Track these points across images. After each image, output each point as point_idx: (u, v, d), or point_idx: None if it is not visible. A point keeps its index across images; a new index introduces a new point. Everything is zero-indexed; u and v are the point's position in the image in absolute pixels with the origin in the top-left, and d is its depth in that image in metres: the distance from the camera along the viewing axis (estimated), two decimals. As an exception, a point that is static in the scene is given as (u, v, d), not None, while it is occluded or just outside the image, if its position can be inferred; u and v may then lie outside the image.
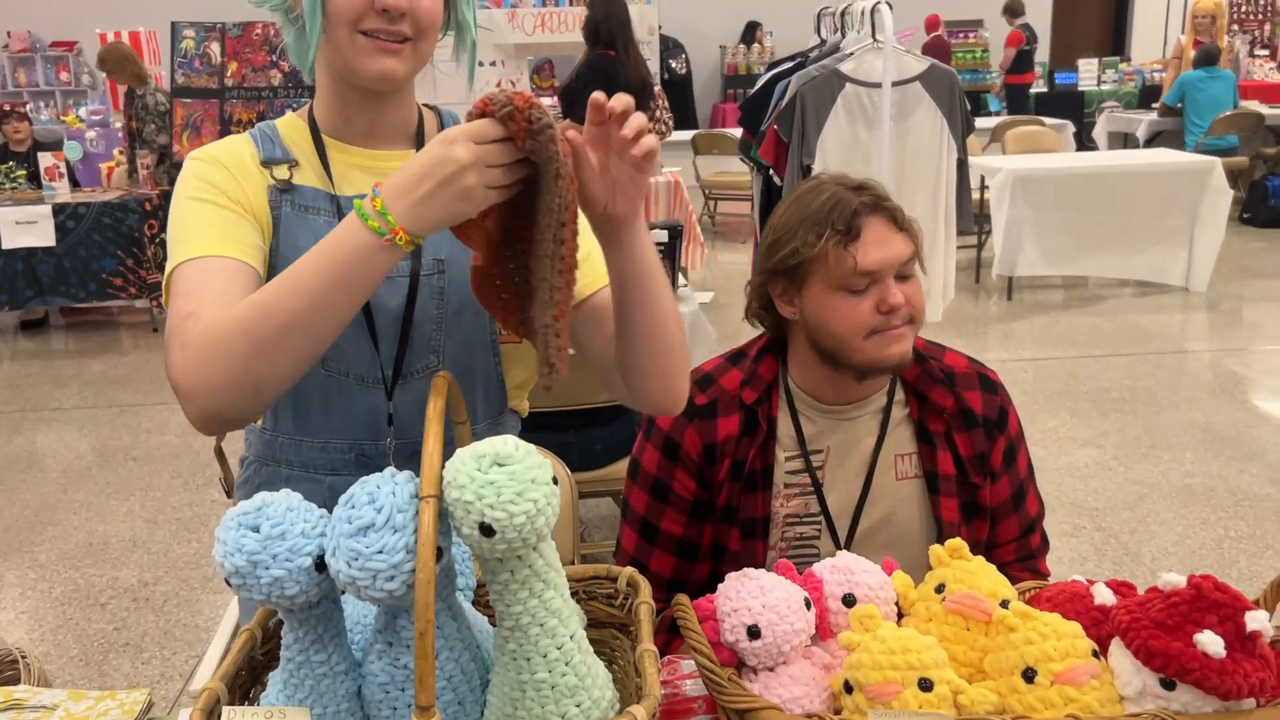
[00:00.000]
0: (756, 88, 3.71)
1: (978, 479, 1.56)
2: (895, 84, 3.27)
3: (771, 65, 3.90)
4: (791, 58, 3.77)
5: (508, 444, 0.98)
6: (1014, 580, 1.57)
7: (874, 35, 3.30)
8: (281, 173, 1.26)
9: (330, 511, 1.04)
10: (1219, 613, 1.03)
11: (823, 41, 3.79)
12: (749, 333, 1.67)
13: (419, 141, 1.32)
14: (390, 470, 1.00)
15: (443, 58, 1.34)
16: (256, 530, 0.97)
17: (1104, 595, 1.17)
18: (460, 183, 0.98)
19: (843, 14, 3.54)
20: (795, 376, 1.58)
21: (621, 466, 3.02)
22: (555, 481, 1.00)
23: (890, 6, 3.27)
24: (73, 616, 3.24)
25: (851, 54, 3.34)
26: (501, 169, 1.00)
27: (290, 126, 1.31)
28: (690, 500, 1.58)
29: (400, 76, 1.22)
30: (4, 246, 6.19)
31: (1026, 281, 6.69)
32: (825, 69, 3.32)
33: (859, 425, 1.57)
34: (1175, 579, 1.10)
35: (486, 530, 0.95)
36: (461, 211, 1.01)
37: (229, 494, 2.98)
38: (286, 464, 1.36)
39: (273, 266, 1.23)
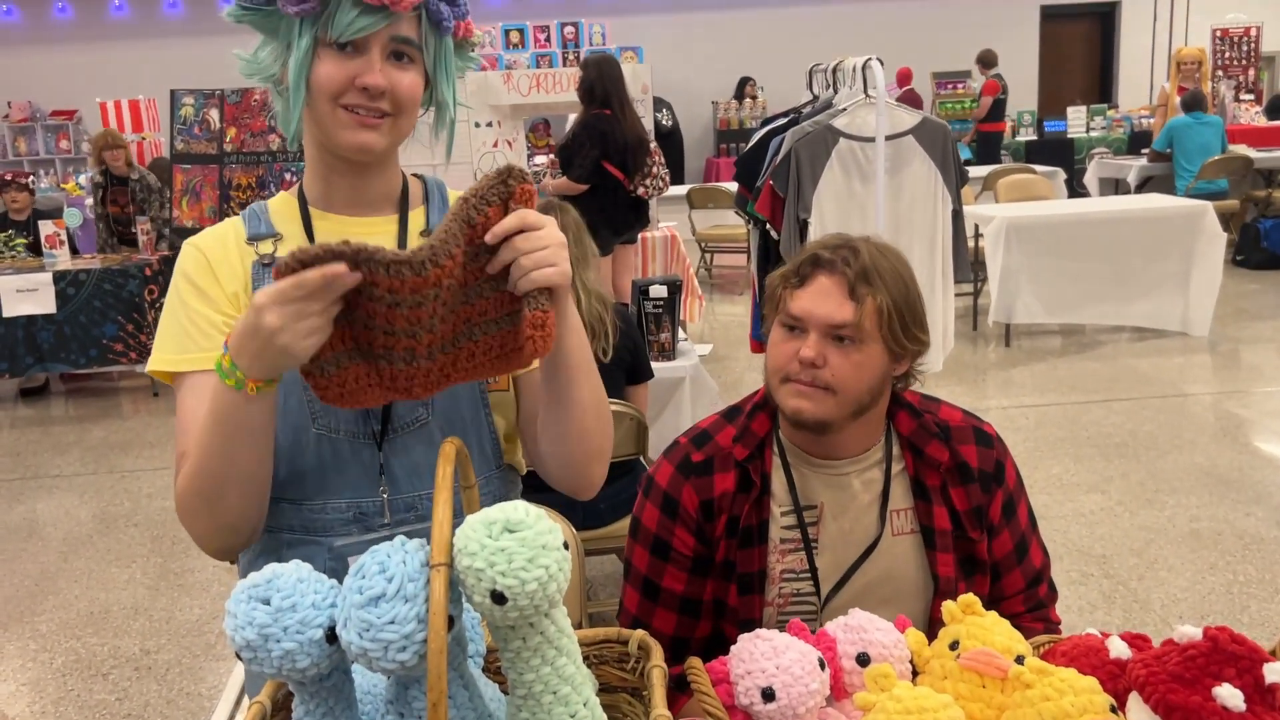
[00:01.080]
0: (751, 144, 3.76)
1: (975, 534, 1.56)
2: (888, 138, 3.31)
3: (765, 121, 3.95)
4: (785, 114, 3.82)
5: (518, 509, 0.97)
6: (1025, 631, 1.56)
7: (866, 90, 3.35)
8: (265, 247, 1.32)
9: (333, 575, 1.04)
10: (1237, 665, 1.02)
11: (815, 97, 3.85)
12: (749, 384, 1.69)
13: (402, 208, 1.37)
14: (400, 538, 1.00)
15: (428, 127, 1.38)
16: (267, 603, 0.97)
17: (1119, 649, 1.17)
18: (278, 343, 1.03)
19: (834, 70, 3.59)
20: (787, 432, 1.59)
21: (624, 524, 3.01)
22: (566, 546, 1.00)
23: (881, 63, 3.32)
24: (74, 687, 3.21)
25: (844, 109, 3.39)
26: (316, 314, 1.03)
27: (280, 203, 1.37)
28: (690, 557, 1.58)
29: (379, 149, 1.27)
30: (4, 314, 6.21)
31: (1025, 328, 6.72)
32: (819, 124, 3.37)
33: (852, 480, 1.57)
34: (1191, 631, 1.09)
35: (498, 598, 0.95)
36: (294, 362, 1.06)
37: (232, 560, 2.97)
38: (288, 529, 1.36)
39: None
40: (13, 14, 12.94)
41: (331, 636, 0.98)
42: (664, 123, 12.49)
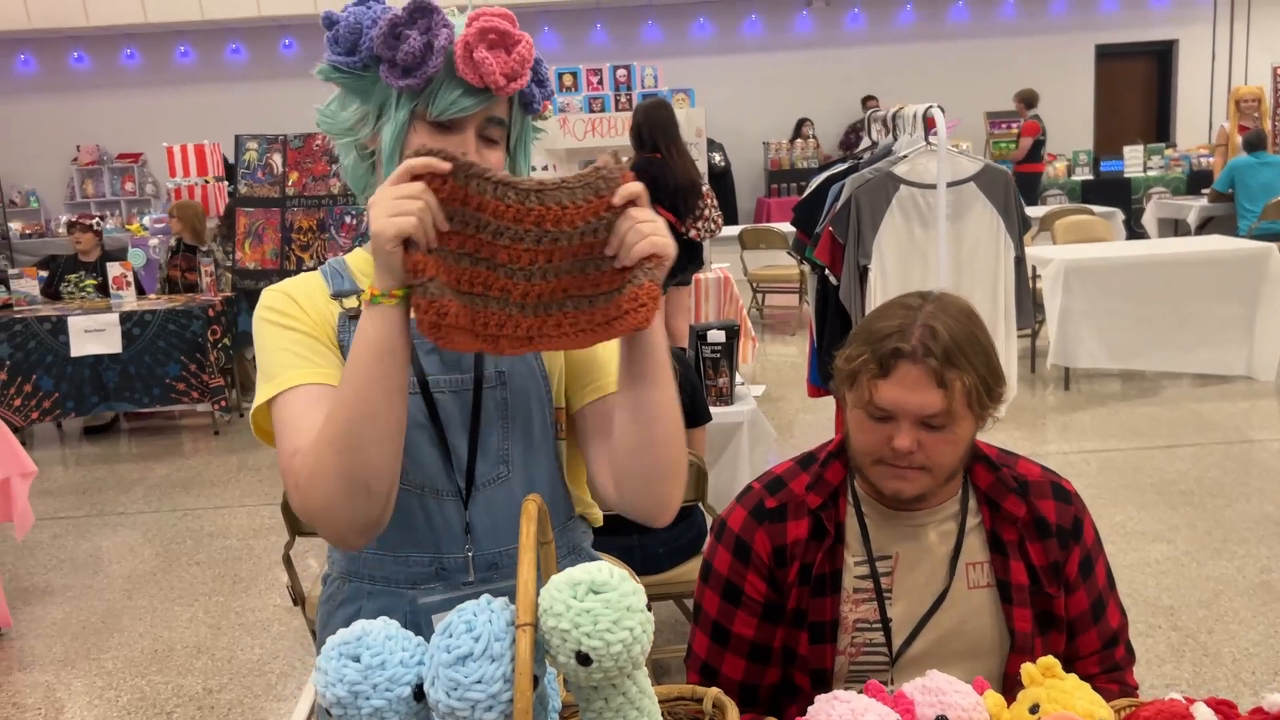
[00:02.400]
0: (809, 190, 3.77)
1: (1052, 589, 1.55)
2: (950, 185, 3.31)
3: (823, 167, 3.96)
4: (843, 159, 3.83)
5: (603, 571, 0.98)
6: (1101, 694, 1.53)
7: (926, 138, 3.35)
8: (351, 302, 1.32)
9: (414, 629, 1.06)
10: (1332, 738, 1.00)
11: (874, 143, 3.86)
12: (803, 425, 1.71)
13: None
14: (486, 597, 1.01)
15: None
16: (357, 660, 0.99)
17: (1205, 715, 1.15)
18: (374, 223, 1.07)
19: (894, 116, 3.60)
20: (862, 483, 1.59)
21: (683, 570, 3.00)
22: (650, 608, 1.00)
23: (943, 110, 3.33)
24: (139, 726, 3.25)
25: (905, 156, 3.40)
26: (409, 198, 1.06)
27: (358, 259, 1.38)
28: (761, 603, 1.58)
29: None
30: (72, 354, 6.36)
31: (1084, 371, 6.62)
32: (879, 172, 3.37)
33: (929, 532, 1.57)
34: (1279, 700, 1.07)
35: (584, 659, 0.96)
36: (387, 244, 1.07)
37: (295, 601, 3.01)
38: (369, 579, 1.38)
39: None
40: (83, 61, 13.34)
41: (419, 694, 0.99)
42: (718, 163, 12.57)
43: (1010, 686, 1.25)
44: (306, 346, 1.28)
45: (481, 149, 1.25)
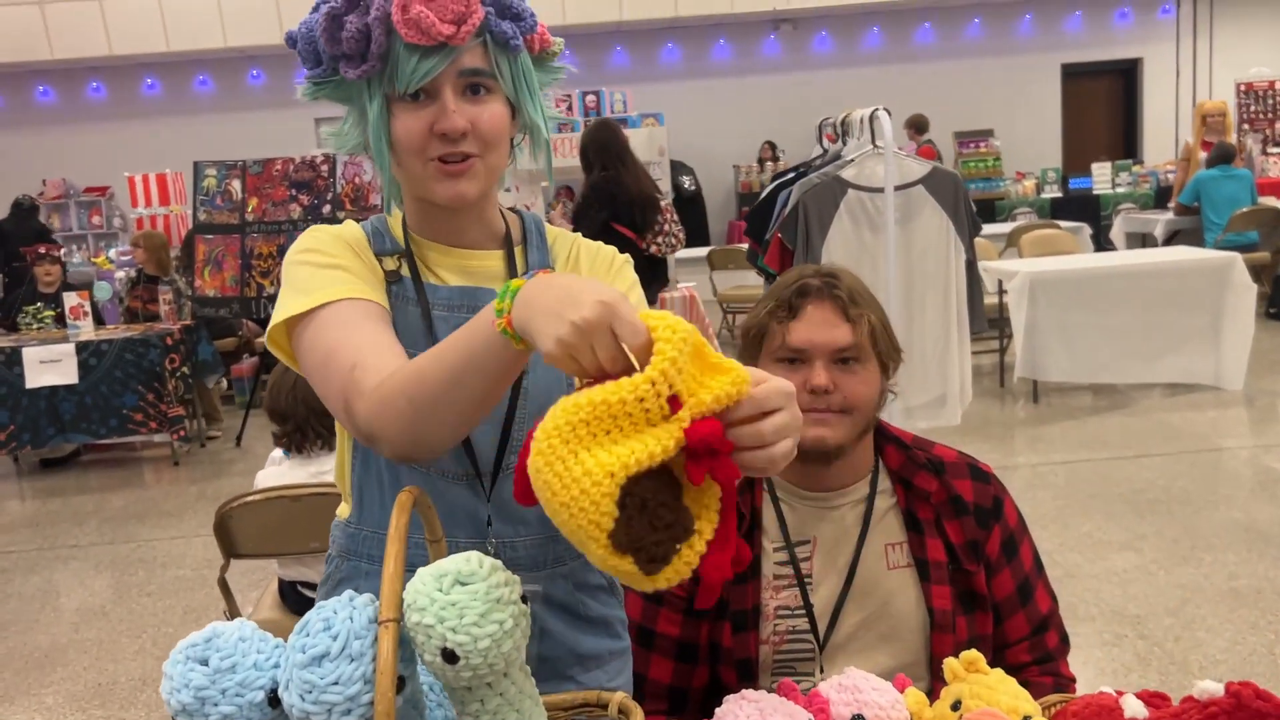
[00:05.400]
0: (761, 198, 3.73)
1: (971, 566, 1.53)
2: (898, 188, 3.27)
3: (776, 177, 3.93)
4: (795, 168, 3.79)
5: (471, 561, 0.92)
6: (1034, 687, 1.48)
7: (874, 141, 3.31)
8: (391, 264, 1.27)
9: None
10: (1261, 724, 0.94)
11: (825, 151, 3.82)
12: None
13: (508, 245, 1.32)
14: (349, 593, 0.94)
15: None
16: (205, 663, 0.91)
17: (1134, 708, 1.08)
18: (561, 322, 0.86)
19: (843, 122, 3.57)
20: None
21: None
22: (525, 600, 0.93)
23: (889, 113, 3.29)
24: (77, 762, 3.13)
25: (852, 160, 3.36)
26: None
27: (395, 222, 1.32)
28: (684, 598, 1.55)
29: (473, 195, 1.22)
30: (28, 386, 6.23)
31: (1054, 384, 6.59)
32: (826, 176, 3.33)
33: (845, 514, 1.55)
34: (1213, 687, 1.01)
35: (449, 656, 0.89)
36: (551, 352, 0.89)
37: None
38: (368, 559, 1.32)
39: None
40: (49, 95, 13.25)
41: (275, 700, 0.91)
42: (687, 188, 12.56)
43: (937, 669, 1.21)
44: (353, 275, 1.21)
45: (468, 106, 1.18)
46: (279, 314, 1.19)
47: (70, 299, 6.68)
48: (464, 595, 0.89)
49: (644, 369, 0.83)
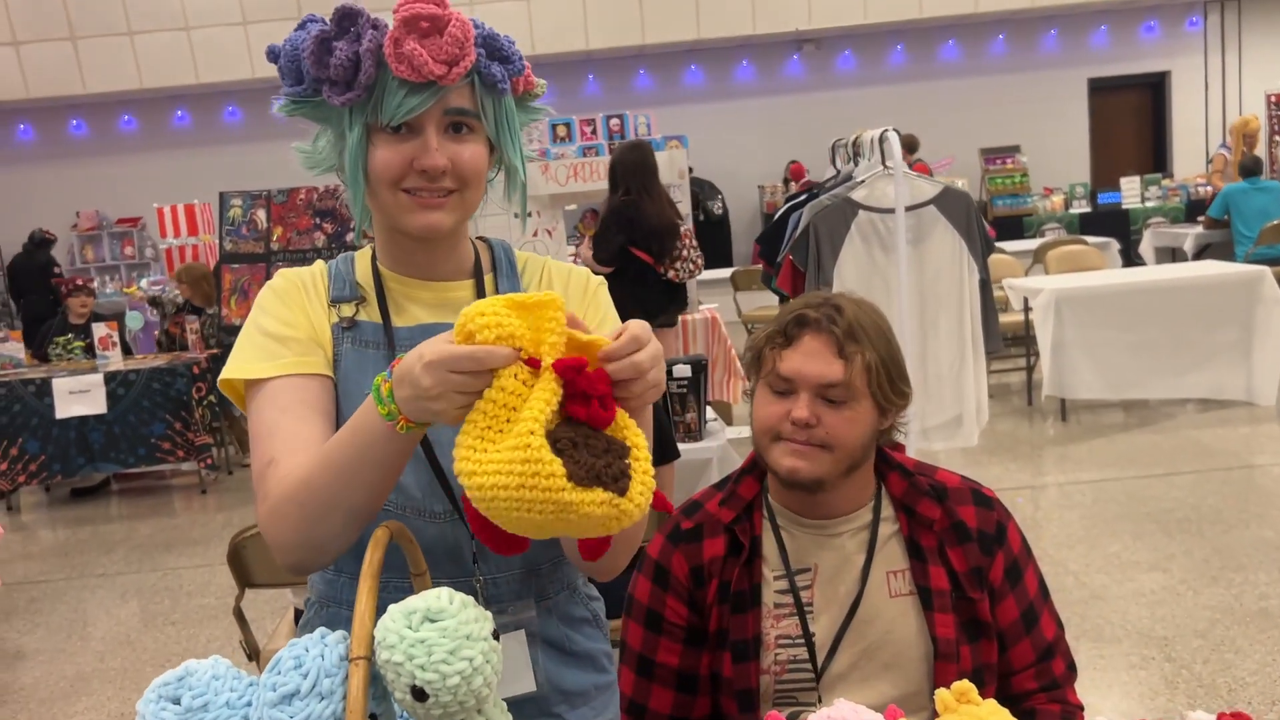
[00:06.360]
0: (773, 220, 3.72)
1: (975, 594, 1.50)
2: (909, 208, 3.25)
3: (789, 198, 3.91)
4: (807, 189, 3.78)
5: (441, 598, 0.91)
6: (1043, 715, 1.45)
7: (884, 162, 3.30)
8: (347, 310, 1.27)
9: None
10: (1250, 759, 0.91)
11: (838, 172, 3.81)
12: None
13: (477, 274, 1.32)
14: (321, 630, 0.94)
15: (495, 197, 1.33)
16: (177, 702, 0.91)
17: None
18: (433, 408, 0.97)
19: (854, 143, 3.55)
20: (776, 494, 1.56)
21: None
22: (496, 636, 0.93)
23: (898, 133, 3.28)
24: (98, 792, 3.15)
25: (863, 181, 3.34)
26: (476, 393, 0.95)
27: (364, 259, 1.33)
28: (684, 627, 1.54)
29: (447, 228, 1.22)
30: (58, 416, 6.31)
31: (1082, 401, 6.51)
32: (837, 198, 3.32)
33: (846, 542, 1.53)
34: (1203, 718, 0.99)
35: (419, 694, 0.88)
36: (446, 421, 0.98)
37: (250, 656, 2.93)
38: (347, 605, 1.30)
39: (336, 402, 1.24)
40: (81, 128, 13.47)
41: (246, 739, 0.91)
42: (715, 210, 12.57)
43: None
44: (290, 338, 1.24)
45: (450, 145, 1.18)
46: (236, 368, 1.22)
47: (99, 329, 6.76)
48: (433, 632, 0.88)
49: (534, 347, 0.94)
